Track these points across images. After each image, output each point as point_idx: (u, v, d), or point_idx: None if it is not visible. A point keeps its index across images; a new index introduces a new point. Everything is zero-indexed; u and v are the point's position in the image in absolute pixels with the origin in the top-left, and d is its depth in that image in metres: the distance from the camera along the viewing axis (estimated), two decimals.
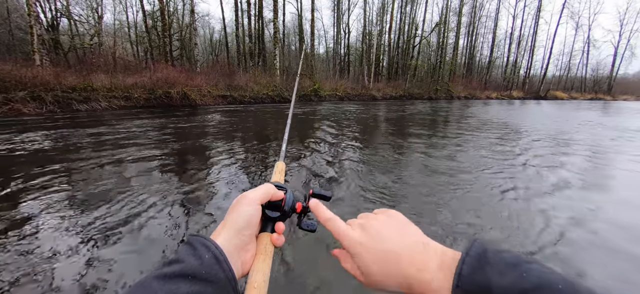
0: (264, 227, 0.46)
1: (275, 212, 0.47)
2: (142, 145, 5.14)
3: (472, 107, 18.64)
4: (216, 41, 31.90)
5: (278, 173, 0.61)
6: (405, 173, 3.88)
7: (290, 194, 0.50)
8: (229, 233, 0.39)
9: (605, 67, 46.86)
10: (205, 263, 0.34)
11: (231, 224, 0.40)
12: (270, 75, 20.63)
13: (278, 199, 0.47)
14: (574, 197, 3.14)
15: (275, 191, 0.47)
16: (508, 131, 7.90)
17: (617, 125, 9.82)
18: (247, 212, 0.42)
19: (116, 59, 18.22)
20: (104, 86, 11.98)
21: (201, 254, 0.34)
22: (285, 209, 0.48)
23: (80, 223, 2.36)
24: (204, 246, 0.35)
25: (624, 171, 4.25)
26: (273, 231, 0.46)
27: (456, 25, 35.10)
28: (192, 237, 0.37)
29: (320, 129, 7.39)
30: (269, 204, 0.47)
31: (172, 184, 3.25)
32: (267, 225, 0.46)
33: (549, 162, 4.61)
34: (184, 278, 0.32)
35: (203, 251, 0.35)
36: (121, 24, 23.28)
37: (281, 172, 0.62)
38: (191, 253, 0.34)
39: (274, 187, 0.47)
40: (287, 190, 0.50)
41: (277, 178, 0.59)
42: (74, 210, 2.58)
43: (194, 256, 0.34)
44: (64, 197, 2.85)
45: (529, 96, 37.87)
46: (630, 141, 6.63)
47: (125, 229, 2.28)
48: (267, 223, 0.47)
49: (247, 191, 0.45)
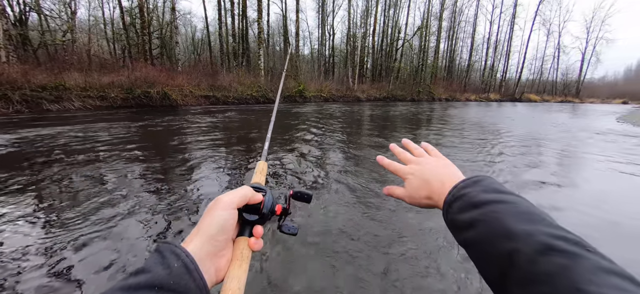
0: (241, 231, 0.45)
1: (253, 216, 0.45)
2: (118, 147, 4.94)
3: (453, 108, 19.24)
4: (198, 40, 31.15)
5: (259, 173, 0.59)
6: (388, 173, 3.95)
7: (269, 196, 0.48)
8: (201, 240, 0.38)
9: (573, 71, 49.86)
10: (174, 272, 0.32)
11: (204, 230, 0.38)
12: (254, 75, 20.39)
13: (256, 201, 0.46)
14: (545, 193, 3.32)
15: (253, 194, 0.45)
16: (487, 131, 8.22)
17: (585, 126, 10.46)
18: (221, 218, 0.40)
19: (91, 56, 17.41)
20: (78, 85, 11.40)
21: (170, 262, 0.33)
22: (264, 212, 0.46)
23: (48, 231, 2.23)
24: (174, 254, 0.34)
25: (594, 170, 4.53)
26: (251, 235, 0.44)
27: (437, 30, 36.17)
28: (162, 244, 0.35)
29: (305, 130, 7.39)
30: (247, 207, 0.45)
31: (149, 187, 3.14)
32: (244, 228, 0.45)
33: (525, 161, 4.84)
34: (149, 289, 0.30)
35: (172, 259, 0.33)
36: (97, 20, 22.24)
37: (262, 172, 0.60)
38: (159, 261, 0.33)
39: (251, 190, 0.46)
40: (267, 192, 0.49)
41: (257, 179, 0.57)
42: (40, 217, 2.44)
43: (162, 265, 0.32)
44: (29, 204, 2.68)
45: (506, 98, 39.64)
46: (596, 141, 7.08)
47: (97, 235, 2.18)
48: (245, 227, 0.45)
49: (223, 194, 0.42)
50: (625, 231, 2.51)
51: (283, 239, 2.14)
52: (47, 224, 2.31)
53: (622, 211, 2.88)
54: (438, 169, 0.50)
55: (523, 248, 0.30)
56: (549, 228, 0.31)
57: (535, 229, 0.31)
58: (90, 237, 2.15)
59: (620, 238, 2.40)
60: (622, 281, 0.25)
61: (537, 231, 0.31)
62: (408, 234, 2.32)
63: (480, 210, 0.37)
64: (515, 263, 0.30)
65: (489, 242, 0.34)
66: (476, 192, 0.39)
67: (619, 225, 2.59)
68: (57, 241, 2.08)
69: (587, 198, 3.26)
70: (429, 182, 0.48)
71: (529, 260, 0.28)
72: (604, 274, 0.25)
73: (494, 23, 43.09)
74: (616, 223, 2.63)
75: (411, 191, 0.51)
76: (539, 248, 0.29)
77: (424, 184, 0.49)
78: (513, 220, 0.33)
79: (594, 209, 2.92)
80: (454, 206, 0.41)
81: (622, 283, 0.24)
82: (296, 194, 0.53)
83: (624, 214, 2.82)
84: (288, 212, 0.51)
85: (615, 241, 2.36)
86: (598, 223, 2.63)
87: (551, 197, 3.23)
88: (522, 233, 0.31)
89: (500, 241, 0.32)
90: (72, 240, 2.09)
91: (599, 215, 2.78)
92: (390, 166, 0.57)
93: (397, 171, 0.55)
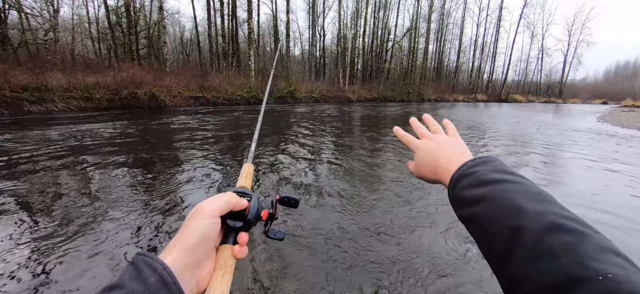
0: (225, 238, 0.42)
1: (237, 223, 0.43)
2: (102, 149, 4.82)
3: (442, 109, 19.58)
4: (187, 40, 30.68)
5: (245, 176, 0.56)
6: (382, 171, 3.99)
7: (255, 202, 0.46)
8: (181, 251, 0.35)
9: (556, 72, 51.50)
10: (150, 287, 0.30)
11: (183, 241, 0.36)
12: (244, 76, 20.24)
13: (241, 208, 0.43)
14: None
15: (237, 200, 0.43)
16: (485, 133, 8.39)
17: (568, 126, 10.83)
18: (201, 227, 0.37)
19: (75, 56, 16.92)
20: (61, 86, 11.05)
21: (146, 277, 0.30)
22: (249, 218, 0.44)
23: (22, 237, 2.16)
24: (150, 267, 0.31)
25: (577, 168, 4.69)
26: (235, 243, 0.42)
27: (426, 31, 36.76)
28: (138, 256, 0.33)
29: (296, 130, 7.37)
30: (232, 214, 0.43)
31: (131, 191, 3.08)
32: (228, 236, 0.42)
33: (511, 160, 4.97)
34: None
35: (148, 273, 0.31)
36: (81, 19, 21.57)
37: (249, 175, 0.57)
38: (134, 275, 0.31)
39: (235, 196, 0.43)
40: (252, 196, 0.46)
41: (243, 182, 0.55)
42: (20, 222, 2.35)
43: (137, 279, 0.30)
44: (6, 210, 2.59)
45: (492, 99, 40.63)
46: (581, 140, 7.35)
47: (76, 242, 2.12)
48: (229, 234, 0.42)
49: (204, 202, 0.40)
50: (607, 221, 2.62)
51: (270, 241, 2.14)
52: (22, 231, 2.23)
53: (602, 203, 3.01)
54: (447, 147, 0.51)
55: (532, 225, 0.30)
56: (558, 209, 0.32)
57: (544, 208, 0.32)
58: (69, 243, 2.09)
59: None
60: (623, 261, 0.26)
61: (547, 210, 0.32)
62: (396, 232, 2.35)
63: (490, 187, 0.37)
64: (523, 238, 0.30)
65: (497, 218, 0.34)
66: (486, 170, 0.40)
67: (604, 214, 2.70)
68: (33, 248, 2.02)
69: (572, 192, 3.38)
70: (436, 158, 0.50)
71: (536, 237, 0.29)
72: (607, 252, 0.27)
73: (480, 25, 44.12)
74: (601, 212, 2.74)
75: (418, 164, 0.54)
76: (548, 226, 0.30)
77: (431, 159, 0.51)
78: (523, 199, 0.34)
79: (579, 200, 3.04)
80: (463, 182, 0.41)
81: (622, 262, 0.26)
82: (283, 199, 0.52)
83: (604, 206, 2.94)
84: (275, 218, 0.50)
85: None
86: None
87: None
88: (532, 211, 0.32)
89: (509, 217, 0.33)
90: (49, 247, 2.03)
91: (585, 206, 2.89)
92: (404, 137, 0.59)
93: (409, 143, 0.57)
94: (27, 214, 2.49)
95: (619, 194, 3.46)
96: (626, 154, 5.73)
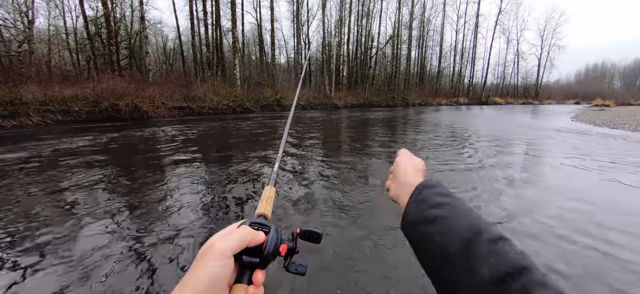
0: (239, 276, 0.38)
1: (254, 259, 0.39)
2: (81, 167, 4.65)
3: (426, 113, 20.05)
4: (170, 50, 30.18)
5: (265, 201, 0.52)
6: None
7: (273, 235, 0.42)
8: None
9: (532, 75, 53.89)
10: None
11: (192, 287, 0.33)
12: (230, 85, 20.07)
13: (258, 243, 0.39)
14: (512, 184, 3.56)
15: (253, 236, 0.39)
16: (469, 135, 8.64)
17: (544, 126, 11.33)
18: (212, 271, 0.34)
19: (51, 68, 16.30)
20: (36, 99, 10.61)
21: None
22: (266, 255, 0.40)
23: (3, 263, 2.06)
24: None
25: (551, 164, 4.92)
26: (250, 283, 0.38)
27: (408, 38, 37.72)
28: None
29: (295, 138, 7.36)
30: (248, 250, 0.38)
31: (116, 218, 2.98)
32: (243, 274, 0.38)
33: (495, 160, 5.15)
34: None
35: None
36: (57, 30, 20.85)
37: (270, 200, 0.53)
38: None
39: (250, 232, 0.39)
40: (270, 229, 0.42)
41: (263, 208, 0.51)
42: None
43: None
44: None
45: (473, 102, 41.99)
46: (555, 138, 7.71)
47: (53, 275, 2.04)
48: (244, 272, 0.38)
49: (216, 238, 0.37)
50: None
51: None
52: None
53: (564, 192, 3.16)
54: (401, 174, 0.57)
55: (484, 236, 0.37)
56: (484, 223, 0.40)
57: (482, 223, 0.40)
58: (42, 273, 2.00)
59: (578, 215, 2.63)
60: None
61: (485, 223, 0.39)
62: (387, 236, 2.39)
63: (438, 210, 0.43)
64: (475, 247, 0.37)
65: (447, 233, 0.40)
66: (433, 195, 0.47)
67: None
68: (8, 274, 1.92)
69: (549, 185, 3.54)
70: (397, 185, 0.56)
71: (487, 243, 0.36)
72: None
73: (459, 32, 45.74)
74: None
75: (391, 193, 0.59)
76: (493, 236, 0.37)
77: (395, 187, 0.57)
78: (468, 217, 0.41)
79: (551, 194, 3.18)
80: (414, 207, 0.47)
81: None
82: (304, 232, 0.48)
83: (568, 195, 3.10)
84: (295, 252, 0.45)
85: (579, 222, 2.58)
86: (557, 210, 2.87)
87: (519, 189, 3.47)
88: (479, 225, 0.39)
89: (457, 234, 0.39)
90: (22, 271, 1.94)
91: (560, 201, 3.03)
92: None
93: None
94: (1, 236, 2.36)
95: (591, 184, 3.66)
96: (598, 151, 6.06)
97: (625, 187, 3.62)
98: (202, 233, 2.40)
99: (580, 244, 2.25)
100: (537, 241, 2.29)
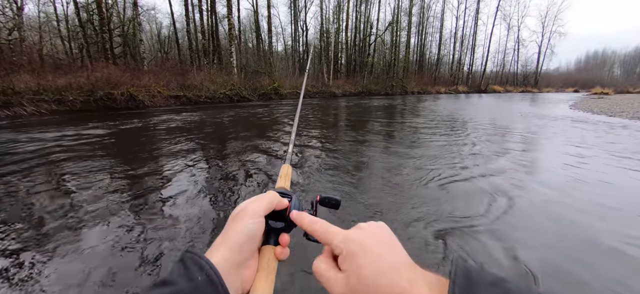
0: (267, 239, 0.42)
1: (279, 223, 0.43)
2: (80, 157, 4.59)
3: (425, 101, 19.95)
4: (165, 37, 29.62)
5: (283, 177, 0.56)
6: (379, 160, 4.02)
7: (295, 202, 0.46)
8: (227, 251, 0.36)
9: (532, 63, 53.59)
10: (198, 285, 0.30)
11: (230, 241, 0.37)
12: (227, 73, 19.79)
13: (282, 208, 0.44)
14: (512, 173, 3.56)
15: (279, 200, 0.43)
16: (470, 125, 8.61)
17: (544, 114, 11.32)
18: (248, 228, 0.38)
19: (43, 56, 15.98)
20: (30, 88, 10.43)
21: (193, 274, 0.31)
22: (290, 219, 0.44)
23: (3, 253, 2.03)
24: (198, 265, 0.32)
25: (551, 151, 4.91)
26: (277, 244, 0.42)
27: (407, 25, 37.18)
28: (187, 254, 0.34)
29: (307, 129, 7.31)
30: (273, 214, 0.43)
31: (121, 207, 2.96)
32: (270, 237, 0.42)
33: (494, 148, 5.15)
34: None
35: (195, 271, 0.32)
36: (48, 17, 20.32)
37: (287, 176, 0.57)
38: (183, 273, 0.31)
39: (278, 196, 0.44)
40: (292, 197, 0.47)
41: (282, 183, 0.55)
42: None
43: (185, 277, 0.31)
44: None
45: (472, 90, 41.81)
46: (554, 126, 7.70)
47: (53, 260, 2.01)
48: (270, 235, 0.42)
49: (249, 201, 0.41)
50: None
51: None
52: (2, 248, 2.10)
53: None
54: (388, 239, 0.37)
55: None
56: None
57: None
58: (46, 259, 1.98)
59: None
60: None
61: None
62: None
63: None
64: None
65: None
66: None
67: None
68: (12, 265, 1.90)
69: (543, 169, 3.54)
70: (388, 259, 0.34)
71: None
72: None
73: (459, 18, 45.12)
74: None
75: (356, 272, 0.34)
76: None
77: (380, 259, 0.34)
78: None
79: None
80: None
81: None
82: (324, 199, 0.50)
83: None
84: None
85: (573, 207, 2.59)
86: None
87: (516, 174, 3.47)
88: None
89: None
90: (28, 265, 1.92)
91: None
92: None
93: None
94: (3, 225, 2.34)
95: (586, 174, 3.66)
96: (593, 141, 6.06)
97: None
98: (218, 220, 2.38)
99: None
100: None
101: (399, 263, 0.33)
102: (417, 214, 2.54)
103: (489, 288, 0.27)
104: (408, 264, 0.33)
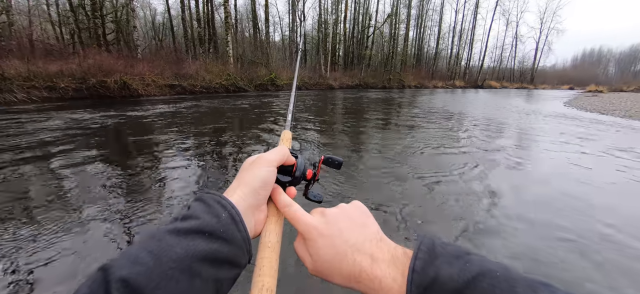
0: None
1: (286, 177, 0.47)
2: (74, 145, 4.52)
3: (422, 95, 19.94)
4: (159, 24, 29.02)
5: (285, 141, 0.59)
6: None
7: (301, 160, 0.49)
8: (244, 192, 0.38)
9: (529, 59, 53.82)
10: (223, 221, 0.32)
11: (247, 184, 0.39)
12: (223, 63, 19.51)
13: (290, 163, 0.47)
14: (504, 167, 3.59)
15: (289, 155, 0.46)
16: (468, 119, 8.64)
17: (538, 110, 11.40)
18: (264, 173, 0.40)
19: (33, 42, 15.56)
20: (20, 74, 10.18)
21: (217, 212, 0.33)
22: (296, 175, 0.47)
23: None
24: (220, 204, 0.34)
25: (545, 151, 4.97)
26: None
27: (406, 17, 36.90)
28: (205, 194, 0.35)
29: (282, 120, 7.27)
30: (281, 168, 0.46)
31: (115, 193, 2.93)
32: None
33: (489, 144, 5.18)
34: (201, 235, 0.31)
35: (219, 209, 0.34)
36: (37, 1, 19.75)
37: (288, 140, 0.60)
38: (206, 210, 0.33)
39: (287, 151, 0.46)
40: (299, 156, 0.49)
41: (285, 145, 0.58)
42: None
43: (209, 213, 0.33)
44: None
45: (469, 85, 41.91)
46: (547, 123, 7.77)
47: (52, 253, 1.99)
48: (279, 186, 0.46)
49: (263, 153, 0.44)
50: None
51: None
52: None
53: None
54: (357, 217, 0.40)
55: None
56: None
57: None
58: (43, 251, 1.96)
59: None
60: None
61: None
62: None
63: (480, 265, 0.29)
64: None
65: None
66: (452, 249, 0.32)
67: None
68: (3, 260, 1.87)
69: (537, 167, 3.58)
70: (347, 241, 0.37)
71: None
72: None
73: (459, 12, 44.90)
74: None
75: (314, 253, 0.38)
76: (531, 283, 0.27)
77: (336, 242, 0.37)
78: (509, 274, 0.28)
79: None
80: (447, 269, 0.30)
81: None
82: (327, 159, 0.53)
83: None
84: (316, 179, 0.52)
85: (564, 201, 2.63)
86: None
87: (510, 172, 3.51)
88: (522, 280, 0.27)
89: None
90: (21, 257, 1.90)
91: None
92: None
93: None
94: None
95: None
96: (587, 137, 6.13)
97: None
98: None
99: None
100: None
101: (362, 241, 0.36)
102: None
103: (451, 260, 0.30)
104: (376, 241, 0.36)
